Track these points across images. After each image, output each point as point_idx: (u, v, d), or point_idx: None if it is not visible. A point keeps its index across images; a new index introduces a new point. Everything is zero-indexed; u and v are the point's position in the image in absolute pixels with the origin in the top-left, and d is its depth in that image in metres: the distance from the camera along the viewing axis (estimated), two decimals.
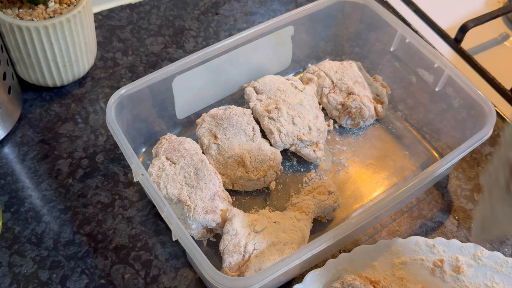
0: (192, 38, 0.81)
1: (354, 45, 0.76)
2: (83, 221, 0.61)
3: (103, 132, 0.69)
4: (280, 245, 0.54)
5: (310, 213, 0.58)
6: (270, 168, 0.62)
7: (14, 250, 0.58)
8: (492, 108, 0.60)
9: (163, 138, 0.63)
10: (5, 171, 0.64)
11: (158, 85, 0.62)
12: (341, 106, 0.69)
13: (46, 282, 0.56)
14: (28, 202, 0.62)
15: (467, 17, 0.80)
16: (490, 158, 0.68)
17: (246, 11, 0.85)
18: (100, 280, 0.57)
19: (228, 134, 0.63)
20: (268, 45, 0.68)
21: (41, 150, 0.67)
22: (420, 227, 0.62)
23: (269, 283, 0.49)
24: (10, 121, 0.67)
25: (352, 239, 0.60)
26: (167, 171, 0.59)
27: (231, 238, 0.54)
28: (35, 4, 0.65)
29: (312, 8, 0.69)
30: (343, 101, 0.69)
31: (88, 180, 0.64)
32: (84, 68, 0.71)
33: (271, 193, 0.64)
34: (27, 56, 0.66)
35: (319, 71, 0.71)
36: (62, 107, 0.71)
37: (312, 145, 0.65)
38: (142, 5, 0.84)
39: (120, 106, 0.59)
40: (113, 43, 0.79)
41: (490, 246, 0.61)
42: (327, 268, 0.55)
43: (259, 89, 0.68)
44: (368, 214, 0.51)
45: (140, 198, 0.63)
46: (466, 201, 0.65)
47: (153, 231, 0.60)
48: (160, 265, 0.58)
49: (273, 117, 0.65)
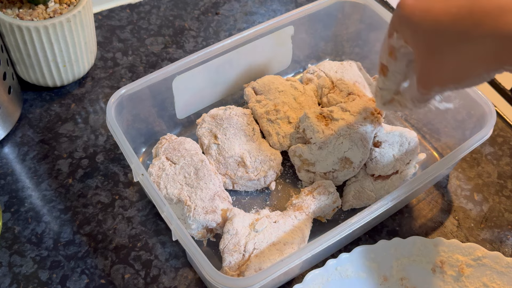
0: (192, 38, 0.81)
1: (354, 45, 0.76)
2: (83, 221, 0.61)
3: (103, 132, 0.69)
4: (280, 245, 0.54)
5: (310, 213, 0.58)
6: (270, 168, 0.62)
7: (14, 250, 0.58)
8: (492, 108, 0.60)
9: (163, 138, 0.63)
10: (5, 171, 0.64)
11: (158, 85, 0.62)
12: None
13: (46, 282, 0.56)
14: (28, 202, 0.62)
15: None
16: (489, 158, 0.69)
17: (246, 11, 0.85)
18: (100, 280, 0.57)
19: (228, 134, 0.63)
20: (268, 45, 0.68)
21: (41, 150, 0.67)
22: (420, 227, 0.62)
23: (269, 283, 0.49)
24: (10, 121, 0.67)
25: (352, 239, 0.60)
26: (167, 171, 0.59)
27: (231, 237, 0.54)
28: (35, 4, 0.65)
29: (312, 8, 0.69)
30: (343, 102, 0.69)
31: (88, 180, 0.64)
32: (84, 68, 0.71)
33: (271, 193, 0.64)
34: (27, 56, 0.66)
35: (319, 71, 0.71)
36: (62, 107, 0.71)
37: None
38: (142, 5, 0.84)
39: (120, 106, 0.59)
40: (113, 43, 0.79)
41: (490, 246, 0.61)
42: (327, 268, 0.55)
43: (258, 90, 0.68)
44: (368, 214, 0.51)
45: (140, 198, 0.63)
46: (466, 201, 0.65)
47: (153, 231, 0.60)
48: (160, 265, 0.58)
49: (271, 119, 0.65)
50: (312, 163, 0.61)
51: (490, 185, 0.66)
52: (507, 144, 0.70)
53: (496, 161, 0.68)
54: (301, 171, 0.62)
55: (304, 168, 0.62)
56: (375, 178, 0.62)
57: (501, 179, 0.67)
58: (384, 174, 0.61)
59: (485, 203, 0.64)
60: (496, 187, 0.66)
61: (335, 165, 0.60)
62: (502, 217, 0.63)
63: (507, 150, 0.69)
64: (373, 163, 0.61)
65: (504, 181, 0.67)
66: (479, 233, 0.62)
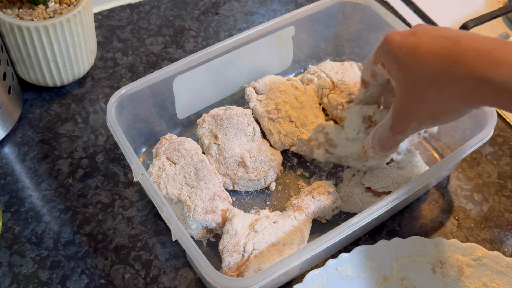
0: (192, 38, 0.81)
1: (354, 45, 0.76)
2: (83, 221, 0.61)
3: (103, 132, 0.69)
4: (279, 245, 0.54)
5: (310, 214, 0.58)
6: (270, 169, 0.62)
7: (14, 250, 0.58)
8: (492, 108, 0.60)
9: (164, 138, 0.63)
10: (5, 171, 0.64)
11: (158, 85, 0.62)
12: (342, 107, 0.69)
13: (46, 282, 0.56)
14: (28, 202, 0.62)
15: (467, 17, 0.80)
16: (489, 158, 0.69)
17: (246, 11, 0.85)
18: (100, 280, 0.57)
19: (229, 134, 0.63)
20: (268, 46, 0.68)
21: (41, 150, 0.67)
22: (420, 227, 0.62)
23: (269, 284, 0.49)
24: (10, 121, 0.67)
25: (352, 239, 0.60)
26: (167, 171, 0.59)
27: (230, 237, 0.54)
28: (35, 4, 0.65)
29: (313, 9, 0.69)
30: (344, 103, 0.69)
31: (88, 180, 0.64)
32: (84, 68, 0.71)
33: (271, 193, 0.64)
34: (27, 56, 0.66)
35: (319, 72, 0.71)
36: (62, 107, 0.71)
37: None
38: (142, 5, 0.84)
39: (120, 106, 0.59)
40: (113, 43, 0.79)
41: (490, 246, 0.61)
42: (327, 268, 0.55)
43: (259, 90, 0.68)
44: (368, 215, 0.51)
45: (140, 198, 0.63)
46: (466, 201, 0.65)
47: (153, 231, 0.60)
48: (160, 265, 0.58)
49: (272, 118, 0.65)
50: (334, 144, 0.61)
51: (490, 185, 0.66)
52: (507, 144, 0.70)
53: (496, 161, 0.68)
54: (321, 148, 0.62)
55: (325, 147, 0.61)
56: (366, 189, 0.61)
57: (501, 179, 0.67)
58: (375, 189, 0.60)
59: (485, 203, 0.64)
60: (496, 187, 0.66)
61: (353, 154, 0.60)
62: (502, 217, 0.63)
63: (507, 150, 0.69)
64: (372, 176, 0.60)
65: (504, 181, 0.66)
66: (479, 233, 0.62)
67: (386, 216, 0.62)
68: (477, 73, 0.43)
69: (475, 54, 0.43)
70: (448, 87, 0.46)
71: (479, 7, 0.88)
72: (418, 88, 0.48)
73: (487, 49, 0.43)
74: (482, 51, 0.43)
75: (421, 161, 0.63)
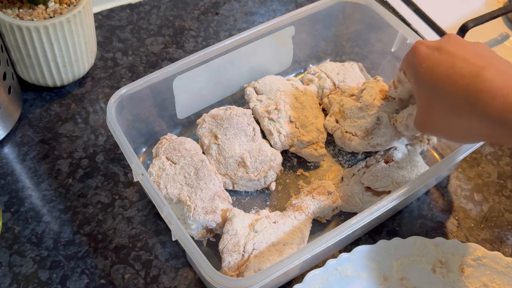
0: (192, 38, 0.81)
1: (355, 45, 0.76)
2: (83, 221, 0.61)
3: (103, 132, 0.69)
4: (279, 245, 0.54)
5: (310, 214, 0.58)
6: (270, 169, 0.62)
7: (14, 250, 0.58)
8: None
9: (164, 138, 0.63)
10: (5, 171, 0.64)
11: (158, 85, 0.62)
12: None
13: (46, 282, 0.56)
14: (28, 202, 0.62)
15: (467, 17, 0.80)
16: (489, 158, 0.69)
17: (246, 11, 0.85)
18: (100, 280, 0.57)
19: (229, 134, 0.63)
20: (269, 46, 0.68)
21: (41, 150, 0.67)
22: (420, 227, 0.62)
23: (269, 284, 0.49)
24: (10, 121, 0.67)
25: (352, 239, 0.60)
26: (167, 171, 0.59)
27: (230, 237, 0.54)
28: (35, 4, 0.65)
29: (313, 9, 0.69)
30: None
31: (88, 180, 0.64)
32: (84, 68, 0.71)
33: (271, 193, 0.64)
34: (27, 56, 0.66)
35: (320, 72, 0.71)
36: (62, 107, 0.71)
37: (313, 145, 0.65)
38: (142, 5, 0.84)
39: (120, 106, 0.59)
40: (113, 43, 0.79)
41: (490, 246, 0.61)
42: (327, 268, 0.55)
43: (260, 90, 0.68)
44: (368, 215, 0.51)
45: (140, 198, 0.63)
46: (466, 201, 0.65)
47: (153, 231, 0.60)
48: (160, 265, 0.58)
49: (272, 118, 0.65)
50: (345, 117, 0.63)
51: (490, 185, 0.66)
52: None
53: (496, 161, 0.68)
54: (332, 116, 0.64)
55: (336, 116, 0.64)
56: (366, 189, 0.61)
57: (501, 179, 0.67)
58: (374, 188, 0.60)
59: (485, 203, 0.64)
60: (496, 187, 0.66)
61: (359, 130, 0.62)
62: (502, 217, 0.63)
63: (507, 150, 0.69)
64: (372, 176, 0.61)
65: (504, 181, 0.67)
66: (479, 233, 0.62)
67: (386, 216, 0.62)
68: (491, 115, 0.43)
69: (489, 98, 0.43)
70: (461, 120, 0.45)
71: (479, 7, 0.88)
72: (432, 110, 0.48)
73: (508, 86, 0.42)
74: (499, 91, 0.42)
75: (421, 161, 0.63)
